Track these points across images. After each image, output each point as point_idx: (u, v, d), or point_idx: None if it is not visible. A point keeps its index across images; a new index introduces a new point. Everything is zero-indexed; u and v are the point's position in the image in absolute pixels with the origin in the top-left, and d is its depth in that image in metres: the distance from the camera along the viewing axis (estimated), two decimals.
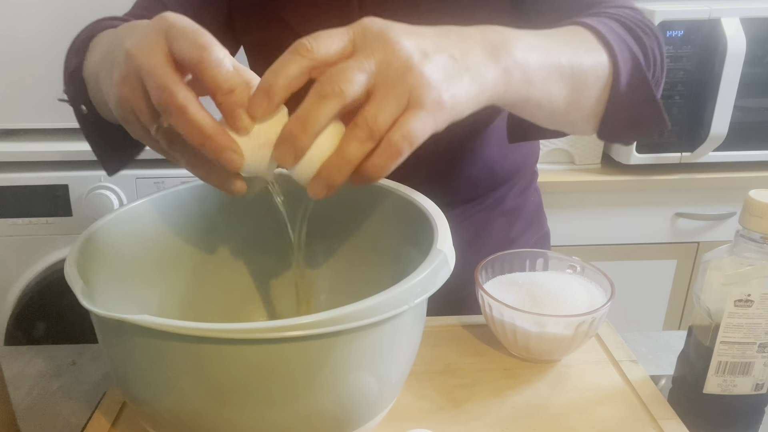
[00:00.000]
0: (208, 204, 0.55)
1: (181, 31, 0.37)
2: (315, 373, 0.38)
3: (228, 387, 0.37)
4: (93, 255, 0.46)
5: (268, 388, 0.37)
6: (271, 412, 0.38)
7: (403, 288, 0.38)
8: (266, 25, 0.67)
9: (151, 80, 0.37)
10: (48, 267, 1.31)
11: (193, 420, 0.39)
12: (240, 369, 0.36)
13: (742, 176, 1.45)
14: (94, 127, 0.58)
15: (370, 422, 0.43)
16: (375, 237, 0.55)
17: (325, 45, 0.37)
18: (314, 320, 0.35)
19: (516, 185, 0.78)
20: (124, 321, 0.35)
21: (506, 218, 0.78)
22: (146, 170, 1.26)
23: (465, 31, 0.43)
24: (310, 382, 0.38)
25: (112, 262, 0.49)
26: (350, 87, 0.36)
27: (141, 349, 0.38)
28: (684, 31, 1.35)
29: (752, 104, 1.41)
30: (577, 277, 0.61)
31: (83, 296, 0.38)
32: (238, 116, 0.37)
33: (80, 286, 0.39)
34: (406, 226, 0.51)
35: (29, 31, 1.25)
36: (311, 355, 0.37)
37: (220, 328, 0.34)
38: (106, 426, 0.51)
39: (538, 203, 0.83)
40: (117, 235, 0.49)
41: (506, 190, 0.78)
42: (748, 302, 0.48)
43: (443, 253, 0.41)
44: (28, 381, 0.59)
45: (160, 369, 0.38)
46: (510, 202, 0.78)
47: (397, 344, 0.42)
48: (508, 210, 0.78)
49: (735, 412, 0.53)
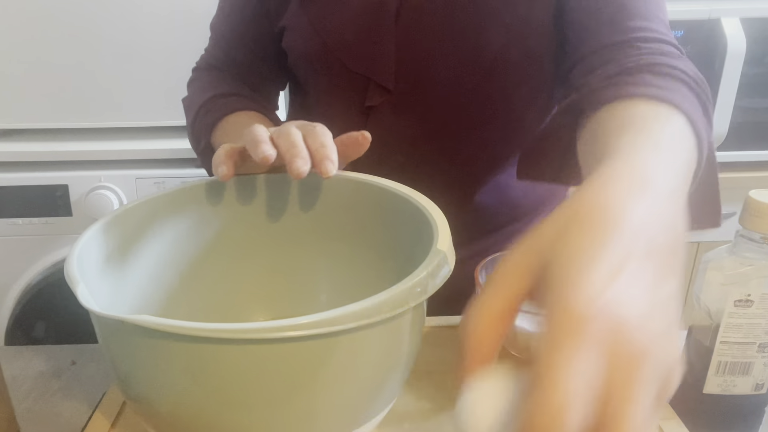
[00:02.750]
0: (209, 204, 0.55)
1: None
2: (315, 373, 0.37)
3: (228, 387, 0.37)
4: (93, 255, 0.46)
5: (268, 388, 0.37)
6: (271, 412, 0.38)
7: (403, 288, 0.38)
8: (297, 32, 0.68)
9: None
10: (48, 267, 1.31)
11: (193, 420, 0.39)
12: (240, 369, 0.36)
13: (742, 176, 1.45)
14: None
15: (370, 422, 0.43)
16: (375, 237, 0.55)
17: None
18: (315, 320, 0.35)
19: (539, 216, 0.76)
20: (124, 321, 0.35)
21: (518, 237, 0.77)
22: (146, 170, 1.26)
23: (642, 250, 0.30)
24: (310, 382, 0.38)
25: (112, 261, 0.49)
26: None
27: (141, 349, 0.38)
28: (684, 31, 1.35)
29: (752, 104, 1.41)
30: None
31: (83, 296, 0.38)
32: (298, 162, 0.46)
33: (81, 286, 0.39)
34: (405, 226, 0.51)
35: (30, 30, 1.25)
36: (311, 355, 0.37)
37: (220, 328, 0.34)
38: (106, 426, 0.51)
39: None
40: (117, 235, 0.49)
41: (521, 215, 0.76)
42: (748, 302, 0.48)
43: (443, 252, 0.41)
44: (28, 381, 0.59)
45: (161, 369, 0.38)
46: (522, 224, 0.77)
47: (398, 344, 0.42)
48: (519, 229, 0.77)
49: (735, 412, 0.53)
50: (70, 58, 1.26)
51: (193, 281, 0.56)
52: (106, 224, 0.48)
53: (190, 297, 0.55)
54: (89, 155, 1.28)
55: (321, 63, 0.68)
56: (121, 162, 1.28)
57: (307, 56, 0.69)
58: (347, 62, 0.66)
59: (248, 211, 0.57)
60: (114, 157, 1.28)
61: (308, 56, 0.68)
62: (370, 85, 0.66)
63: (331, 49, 0.66)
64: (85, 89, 1.30)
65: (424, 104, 0.67)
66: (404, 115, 0.68)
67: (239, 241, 0.57)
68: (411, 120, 0.68)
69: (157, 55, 0.77)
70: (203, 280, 0.56)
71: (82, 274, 0.41)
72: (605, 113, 0.46)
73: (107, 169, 1.27)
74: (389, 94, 0.66)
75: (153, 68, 1.26)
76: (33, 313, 1.31)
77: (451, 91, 0.66)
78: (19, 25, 1.24)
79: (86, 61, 1.27)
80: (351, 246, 0.57)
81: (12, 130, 1.36)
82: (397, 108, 0.67)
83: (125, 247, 0.50)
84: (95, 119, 1.32)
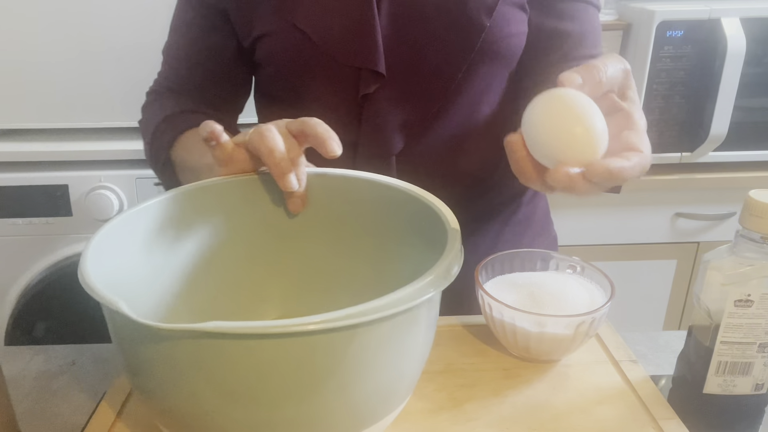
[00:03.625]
0: (221, 204, 0.55)
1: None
2: (333, 369, 0.38)
3: (245, 385, 0.37)
4: (107, 255, 0.46)
5: (293, 382, 0.38)
6: (287, 409, 0.39)
7: (422, 284, 0.39)
8: (277, 36, 0.68)
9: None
10: (48, 267, 1.31)
11: (207, 417, 0.39)
12: (259, 365, 0.37)
13: (742, 176, 1.45)
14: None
15: (382, 421, 0.43)
16: (386, 236, 0.55)
17: None
18: (335, 316, 0.35)
19: (525, 194, 0.79)
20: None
21: (519, 228, 0.79)
22: (146, 170, 1.26)
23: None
24: (326, 379, 0.38)
25: (121, 261, 0.49)
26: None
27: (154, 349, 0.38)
28: (684, 31, 1.35)
29: (752, 104, 1.41)
30: (577, 277, 0.61)
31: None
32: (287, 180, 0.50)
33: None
34: (417, 225, 0.51)
35: (29, 30, 1.25)
36: (329, 350, 0.37)
37: (239, 325, 0.35)
38: (106, 426, 0.51)
39: (545, 209, 0.84)
40: (127, 236, 0.49)
41: (519, 202, 0.78)
42: (748, 302, 0.48)
43: (456, 248, 0.43)
44: (28, 381, 0.59)
45: (174, 367, 0.38)
46: (520, 214, 0.79)
47: (413, 339, 0.42)
48: (519, 220, 0.79)
49: (735, 412, 0.53)
50: (70, 58, 1.26)
51: (204, 280, 0.56)
52: (118, 224, 0.48)
53: (201, 296, 0.55)
54: (89, 155, 1.28)
55: (311, 62, 0.68)
56: (121, 162, 1.28)
57: (294, 58, 0.68)
58: (338, 56, 0.66)
59: (257, 211, 0.56)
60: (114, 157, 1.28)
61: (295, 57, 0.68)
62: (362, 75, 0.67)
63: (319, 46, 0.66)
64: (85, 89, 1.30)
65: (418, 89, 0.68)
66: (398, 101, 0.68)
67: (248, 241, 0.57)
68: (406, 106, 0.68)
69: (158, 55, 0.77)
70: (214, 280, 0.56)
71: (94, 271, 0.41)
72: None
73: (107, 169, 1.27)
74: (383, 79, 0.67)
75: (153, 68, 1.25)
76: (33, 313, 1.31)
77: (443, 74, 0.67)
78: (20, 25, 1.24)
79: (86, 61, 1.27)
80: (362, 246, 0.57)
81: (12, 130, 1.36)
82: (390, 95, 0.68)
83: (135, 247, 0.50)
84: (95, 119, 1.32)
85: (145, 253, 0.51)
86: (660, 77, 1.38)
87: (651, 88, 1.39)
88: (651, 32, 1.34)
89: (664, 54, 1.36)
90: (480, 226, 0.76)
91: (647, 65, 1.37)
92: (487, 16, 0.64)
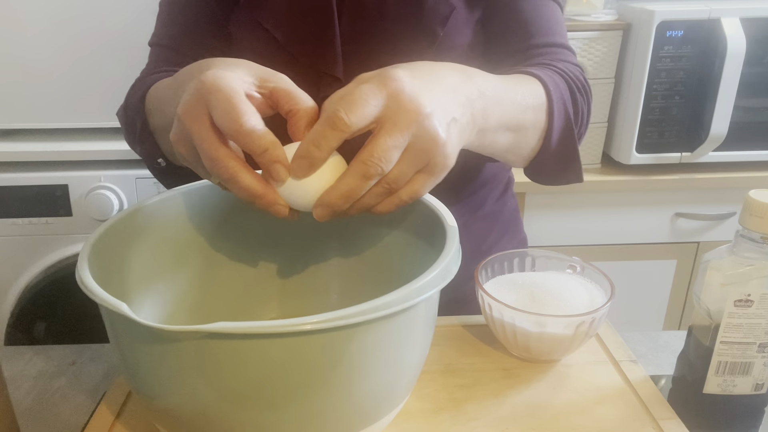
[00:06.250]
0: (219, 203, 0.55)
1: (216, 101, 0.41)
2: (332, 368, 0.38)
3: (245, 384, 0.38)
4: (104, 256, 0.46)
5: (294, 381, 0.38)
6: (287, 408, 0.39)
7: (421, 283, 0.39)
8: (246, 30, 0.69)
9: (202, 150, 0.42)
10: (48, 267, 1.31)
11: (207, 417, 0.39)
12: (260, 365, 0.37)
13: (742, 176, 1.45)
14: (172, 177, 0.66)
15: (382, 420, 0.44)
16: (387, 235, 0.55)
17: (359, 118, 0.41)
18: (334, 316, 0.35)
19: (495, 189, 0.80)
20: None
21: (485, 223, 0.79)
22: (146, 170, 1.26)
23: (454, 81, 0.49)
24: (325, 378, 0.38)
25: (122, 261, 0.49)
26: (389, 165, 0.42)
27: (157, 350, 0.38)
28: (684, 31, 1.35)
29: (752, 104, 1.41)
30: (577, 277, 0.61)
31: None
32: (274, 170, 0.42)
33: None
34: (415, 224, 0.51)
35: (29, 31, 1.25)
36: (329, 350, 0.37)
37: (245, 325, 0.35)
38: (106, 426, 0.51)
39: (514, 209, 0.85)
40: (126, 235, 0.49)
41: (485, 194, 0.79)
42: (748, 302, 0.48)
43: (455, 249, 0.43)
44: (28, 381, 0.59)
45: (176, 368, 0.38)
46: (488, 207, 0.79)
47: (412, 339, 0.42)
48: (486, 214, 0.79)
49: (735, 412, 0.53)
50: (70, 59, 1.27)
51: (204, 280, 0.56)
52: (118, 221, 0.48)
53: (201, 296, 0.55)
54: (89, 155, 1.29)
55: (276, 59, 0.68)
56: (121, 162, 1.29)
57: (263, 53, 0.69)
58: (300, 58, 0.67)
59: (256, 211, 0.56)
60: (114, 157, 1.28)
61: (263, 53, 0.69)
62: (322, 78, 0.68)
63: (284, 46, 0.67)
64: (85, 89, 1.30)
65: None
66: None
67: (246, 241, 0.57)
68: None
69: None
70: (214, 280, 0.56)
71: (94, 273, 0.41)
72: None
73: (107, 169, 1.27)
74: (340, 84, 0.67)
75: None
76: (33, 313, 1.31)
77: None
78: (20, 25, 1.24)
79: (86, 62, 1.28)
80: (361, 245, 0.57)
81: (12, 130, 1.36)
82: None
83: (135, 246, 0.50)
84: (95, 119, 1.32)
85: (143, 253, 0.51)
86: (660, 77, 1.38)
87: (651, 88, 1.39)
88: (651, 32, 1.34)
89: (664, 54, 1.37)
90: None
91: (647, 65, 1.37)
92: (441, 26, 0.66)
